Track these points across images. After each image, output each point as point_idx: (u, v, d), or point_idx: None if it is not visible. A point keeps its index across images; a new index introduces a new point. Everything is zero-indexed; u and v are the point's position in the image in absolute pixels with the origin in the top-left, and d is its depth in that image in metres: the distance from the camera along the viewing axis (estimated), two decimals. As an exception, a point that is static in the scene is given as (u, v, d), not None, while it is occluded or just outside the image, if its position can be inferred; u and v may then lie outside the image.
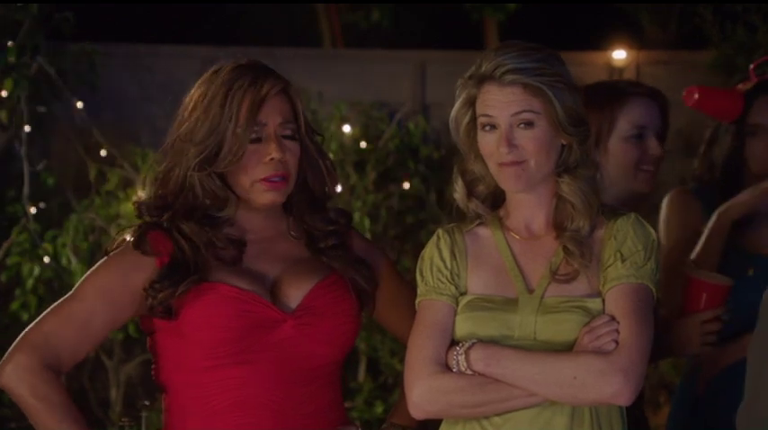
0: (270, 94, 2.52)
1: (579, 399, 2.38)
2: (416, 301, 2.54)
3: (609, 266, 2.46)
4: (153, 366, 2.60)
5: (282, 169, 2.53)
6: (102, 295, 2.50)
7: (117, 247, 2.56)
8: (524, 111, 2.45)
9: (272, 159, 2.51)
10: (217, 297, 2.47)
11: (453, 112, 2.54)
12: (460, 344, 2.43)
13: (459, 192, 2.58)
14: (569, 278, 2.46)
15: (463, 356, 2.41)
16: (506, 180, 2.49)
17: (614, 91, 3.15)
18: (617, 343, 2.37)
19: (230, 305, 2.47)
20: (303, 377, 2.52)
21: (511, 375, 2.40)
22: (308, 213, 2.61)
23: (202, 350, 2.48)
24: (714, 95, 3.47)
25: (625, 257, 2.45)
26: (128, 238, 2.56)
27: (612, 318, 2.40)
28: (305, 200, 2.61)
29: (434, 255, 2.54)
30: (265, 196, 2.54)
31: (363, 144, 6.21)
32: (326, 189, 2.61)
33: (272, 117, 2.53)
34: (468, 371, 2.40)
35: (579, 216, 2.48)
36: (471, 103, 2.52)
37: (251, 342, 2.47)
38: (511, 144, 2.46)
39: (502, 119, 2.47)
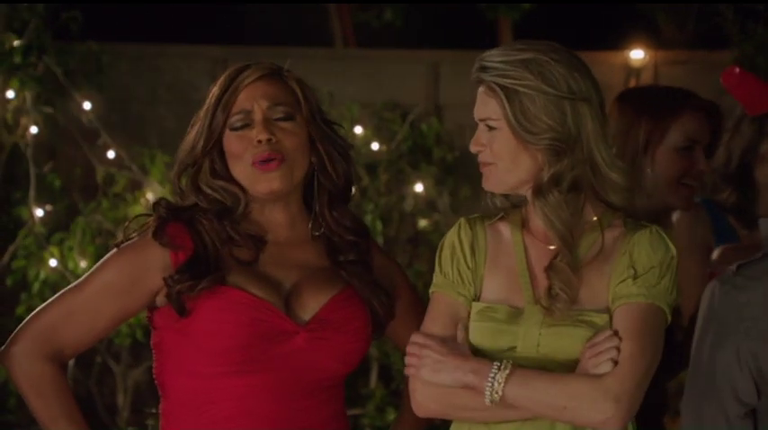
0: (247, 80, 2.49)
1: (576, 423, 2.33)
2: (431, 290, 2.48)
3: (620, 282, 2.37)
4: (155, 364, 2.55)
5: (273, 150, 2.47)
6: (110, 289, 2.46)
7: (128, 239, 2.51)
8: (487, 117, 2.39)
9: (259, 142, 2.46)
10: (230, 302, 2.42)
11: None
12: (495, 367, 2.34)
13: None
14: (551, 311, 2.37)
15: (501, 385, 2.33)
16: (483, 178, 2.45)
17: (671, 100, 3.07)
18: (615, 362, 2.29)
19: (244, 313, 2.42)
20: (308, 390, 2.47)
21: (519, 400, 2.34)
22: (327, 210, 2.55)
23: (208, 356, 2.43)
24: (752, 82, 3.41)
25: (638, 275, 2.36)
26: (139, 231, 2.52)
27: (615, 334, 2.32)
28: (325, 194, 2.55)
29: (456, 247, 2.46)
30: (261, 182, 2.48)
31: (375, 146, 6.21)
32: (343, 181, 2.54)
33: (258, 101, 2.49)
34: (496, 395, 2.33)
35: (558, 244, 2.38)
36: None
37: (259, 352, 2.43)
38: (479, 143, 2.42)
39: (475, 119, 2.44)
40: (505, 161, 2.39)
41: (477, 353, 2.40)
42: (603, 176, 2.39)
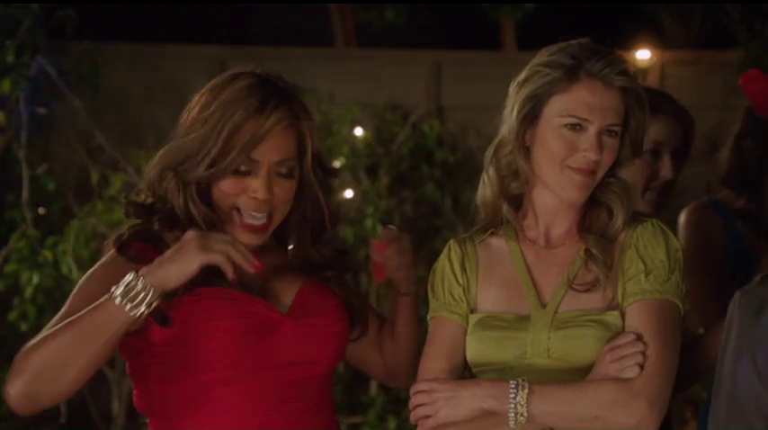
0: (272, 131, 2.42)
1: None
2: (428, 317, 2.49)
3: (630, 279, 2.35)
4: (136, 391, 2.48)
5: (267, 207, 2.45)
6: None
7: (105, 253, 2.47)
8: (616, 123, 2.38)
9: (254, 197, 2.43)
10: (220, 299, 2.40)
11: (523, 93, 2.41)
12: (513, 386, 2.30)
13: (489, 186, 2.48)
14: (587, 287, 2.36)
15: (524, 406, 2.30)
16: (570, 187, 2.39)
17: None
18: (641, 367, 2.27)
19: (236, 307, 2.40)
20: (300, 391, 2.44)
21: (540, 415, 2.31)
22: (307, 244, 2.55)
23: (204, 355, 2.38)
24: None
25: (649, 270, 2.35)
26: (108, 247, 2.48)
27: (638, 338, 2.29)
28: (307, 230, 2.55)
29: (446, 269, 2.47)
30: (243, 236, 2.45)
31: (376, 147, 6.20)
32: (326, 225, 2.54)
33: (269, 155, 2.44)
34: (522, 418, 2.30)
35: (616, 218, 2.40)
36: (551, 93, 2.39)
37: (253, 347, 2.40)
38: (600, 150, 2.37)
39: (597, 122, 2.37)
40: (608, 167, 2.41)
41: (482, 364, 2.39)
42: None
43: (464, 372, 2.46)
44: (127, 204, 2.49)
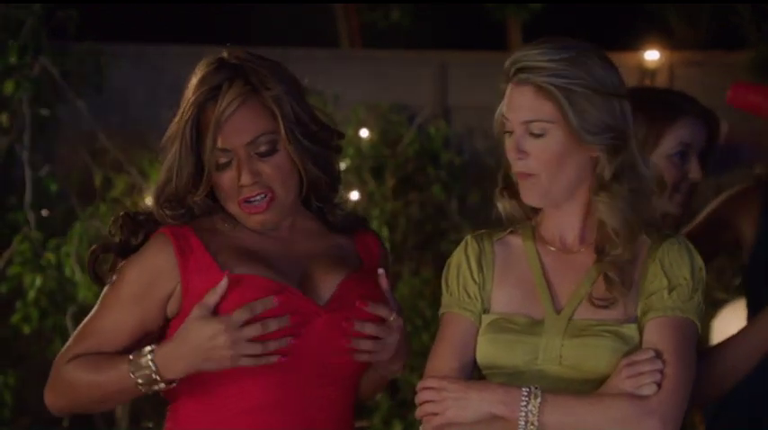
0: (230, 115, 2.36)
1: None
2: (440, 312, 2.44)
3: (653, 294, 2.31)
4: None
5: (261, 188, 2.39)
6: (125, 300, 2.40)
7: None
8: (535, 120, 2.30)
9: (242, 186, 2.38)
10: (252, 288, 2.35)
11: (497, 112, 2.41)
12: (525, 394, 2.27)
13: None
14: (606, 304, 2.32)
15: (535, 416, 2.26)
16: (521, 192, 2.36)
17: (666, 104, 3.01)
18: (658, 385, 2.24)
19: (269, 296, 2.33)
20: (325, 377, 2.40)
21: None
22: (326, 203, 2.51)
23: None
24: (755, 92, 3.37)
25: (672, 287, 2.31)
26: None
27: (657, 355, 2.25)
28: (319, 196, 2.50)
29: (462, 264, 2.42)
30: (251, 221, 2.42)
31: (382, 149, 6.18)
32: (326, 187, 2.48)
33: (236, 139, 2.37)
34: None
35: (620, 241, 2.32)
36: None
37: (287, 335, 2.35)
38: (521, 152, 2.32)
39: (515, 124, 2.33)
40: (550, 169, 2.31)
41: (492, 367, 2.35)
42: (639, 175, 2.35)
43: (473, 373, 2.42)
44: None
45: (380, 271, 2.44)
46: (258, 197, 2.39)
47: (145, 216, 2.45)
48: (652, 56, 6.67)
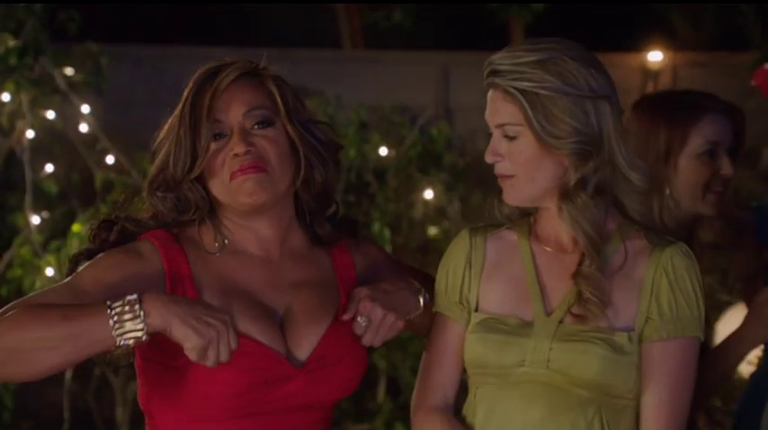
0: (228, 85, 2.33)
1: None
2: (433, 309, 2.44)
3: (661, 316, 2.28)
4: (140, 389, 2.39)
5: (254, 159, 2.32)
6: (103, 285, 2.24)
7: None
8: (507, 123, 2.29)
9: (235, 155, 2.32)
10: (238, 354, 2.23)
11: None
12: None
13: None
14: (584, 320, 2.28)
15: None
16: (503, 192, 2.34)
17: (688, 104, 2.98)
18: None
19: (244, 361, 2.27)
20: (301, 419, 2.37)
21: None
22: (315, 212, 2.45)
23: (202, 399, 2.30)
24: None
25: (679, 304, 2.29)
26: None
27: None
28: (311, 197, 2.43)
29: (450, 260, 2.41)
30: (241, 194, 2.33)
31: (384, 150, 6.16)
32: (321, 189, 2.42)
33: (233, 109, 2.34)
34: None
35: (585, 251, 2.29)
36: None
37: (256, 398, 2.31)
38: (496, 154, 2.31)
39: (492, 126, 2.33)
40: (527, 171, 2.30)
41: (480, 367, 2.34)
42: (624, 178, 2.32)
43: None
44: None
45: (345, 317, 2.34)
46: (251, 170, 2.31)
47: (132, 223, 2.40)
48: (655, 57, 6.69)
